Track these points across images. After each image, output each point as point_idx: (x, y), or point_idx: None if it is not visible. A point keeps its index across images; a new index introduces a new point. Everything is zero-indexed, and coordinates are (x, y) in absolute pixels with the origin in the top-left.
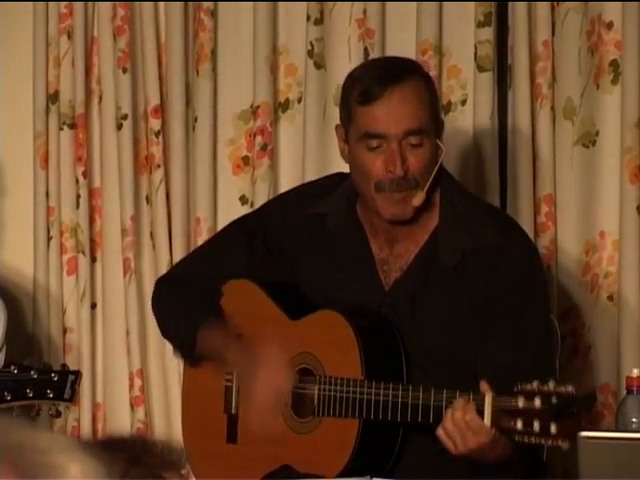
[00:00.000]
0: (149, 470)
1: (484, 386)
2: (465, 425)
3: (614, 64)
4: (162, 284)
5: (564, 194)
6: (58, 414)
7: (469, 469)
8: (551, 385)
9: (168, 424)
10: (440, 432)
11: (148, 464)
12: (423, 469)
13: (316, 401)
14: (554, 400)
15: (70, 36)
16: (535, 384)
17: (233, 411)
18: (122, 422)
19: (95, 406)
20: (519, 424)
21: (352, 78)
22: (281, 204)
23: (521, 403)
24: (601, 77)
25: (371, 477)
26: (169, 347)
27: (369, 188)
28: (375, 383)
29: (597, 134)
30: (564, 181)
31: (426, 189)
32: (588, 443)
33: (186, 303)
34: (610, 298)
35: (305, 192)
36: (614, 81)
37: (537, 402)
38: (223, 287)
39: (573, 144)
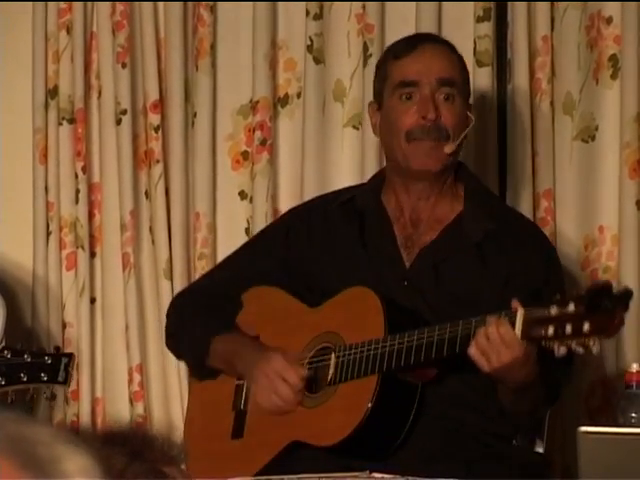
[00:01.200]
0: (149, 465)
1: (515, 302)
2: (499, 338)
3: (613, 59)
4: (178, 300)
5: (563, 189)
6: (53, 397)
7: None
8: (585, 289)
9: (167, 419)
10: (473, 350)
11: (149, 459)
12: (426, 459)
13: (332, 370)
14: (586, 298)
15: (69, 31)
16: (571, 293)
17: (242, 407)
18: (121, 417)
19: (94, 401)
20: (550, 330)
21: (387, 49)
22: (305, 209)
23: (554, 311)
24: (600, 72)
25: (370, 472)
26: None
27: (400, 141)
28: (399, 335)
29: (596, 129)
30: (563, 176)
31: (457, 142)
32: (587, 438)
33: (201, 317)
34: None
35: (328, 194)
36: (613, 76)
37: (571, 307)
38: (245, 295)
39: (572, 139)
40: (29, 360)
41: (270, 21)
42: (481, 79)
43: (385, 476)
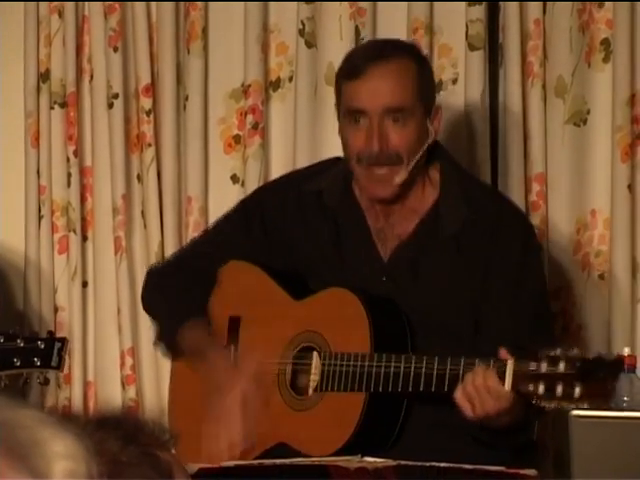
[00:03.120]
0: (143, 449)
1: (504, 353)
2: (486, 390)
3: (605, 42)
4: (153, 272)
5: (555, 173)
6: (46, 382)
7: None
8: (575, 351)
9: (159, 403)
10: (459, 396)
11: (142, 443)
12: (418, 448)
13: (319, 377)
14: (579, 363)
15: (61, 15)
16: (559, 350)
17: None
18: (113, 401)
19: (86, 385)
20: (541, 388)
21: (345, 57)
22: (277, 185)
23: (544, 368)
24: (592, 55)
25: (362, 456)
26: None
27: (352, 161)
28: (386, 355)
29: (588, 112)
30: (555, 160)
31: (410, 167)
32: (579, 422)
33: (174, 293)
34: (601, 277)
35: (301, 173)
36: (605, 59)
37: (561, 366)
38: (220, 270)
39: (564, 122)
40: (22, 345)
41: (262, 5)
42: (473, 63)
43: (377, 460)
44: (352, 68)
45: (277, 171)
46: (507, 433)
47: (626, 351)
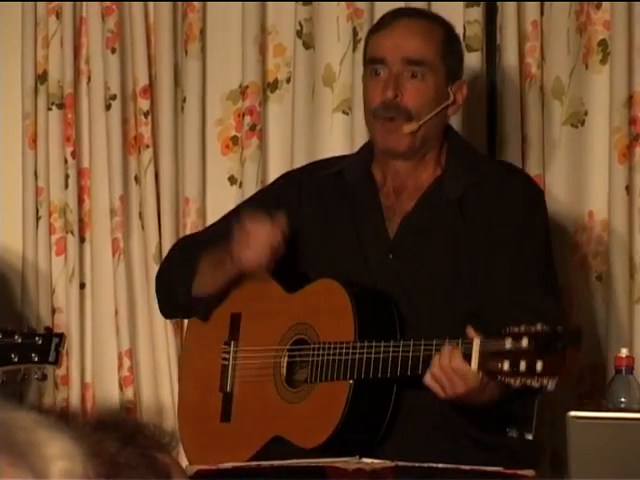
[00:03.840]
0: (141, 450)
1: (471, 331)
2: (452, 371)
3: (603, 44)
4: (172, 249)
5: (553, 174)
6: (44, 378)
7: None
8: (539, 325)
9: (157, 404)
10: (427, 378)
11: (141, 444)
12: (416, 449)
13: (309, 368)
14: (539, 337)
15: (59, 16)
16: (523, 326)
17: (228, 389)
18: (111, 402)
19: (84, 386)
20: (505, 365)
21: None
22: (296, 172)
23: (508, 344)
24: (590, 57)
25: (360, 457)
26: (158, 327)
27: (369, 117)
28: (367, 342)
29: (586, 114)
30: (553, 161)
31: (422, 121)
32: (577, 423)
33: (186, 260)
34: (599, 278)
35: (315, 163)
36: (603, 61)
37: (524, 342)
38: None
39: (562, 124)
40: (20, 341)
41: (259, 6)
42: (471, 64)
43: (375, 461)
44: (381, 22)
45: (275, 172)
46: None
47: (624, 352)
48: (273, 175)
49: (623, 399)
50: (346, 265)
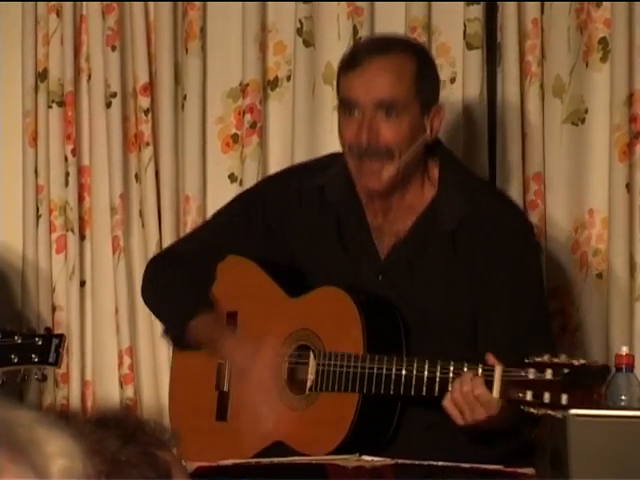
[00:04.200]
0: (142, 448)
1: (492, 359)
2: (474, 399)
3: (603, 42)
4: (154, 264)
5: (553, 172)
6: (44, 378)
7: (464, 444)
8: (563, 357)
9: (157, 402)
10: (447, 404)
11: (141, 442)
12: (415, 447)
13: (314, 376)
14: (566, 371)
15: (59, 14)
16: (546, 356)
17: (225, 388)
18: (111, 400)
19: (84, 384)
20: (529, 395)
21: (345, 54)
22: (279, 177)
23: (532, 375)
24: (590, 55)
25: (360, 455)
26: (158, 325)
27: (346, 152)
28: (378, 357)
29: (586, 112)
30: (553, 159)
31: (401, 163)
32: (577, 421)
33: (178, 287)
34: (599, 276)
35: (302, 167)
36: (603, 59)
37: (548, 373)
38: (219, 265)
39: (562, 122)
40: (19, 341)
41: (260, 4)
42: (471, 62)
43: (374, 458)
44: (351, 60)
45: (275, 170)
46: (502, 435)
47: (624, 350)
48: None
49: (623, 397)
50: (335, 280)
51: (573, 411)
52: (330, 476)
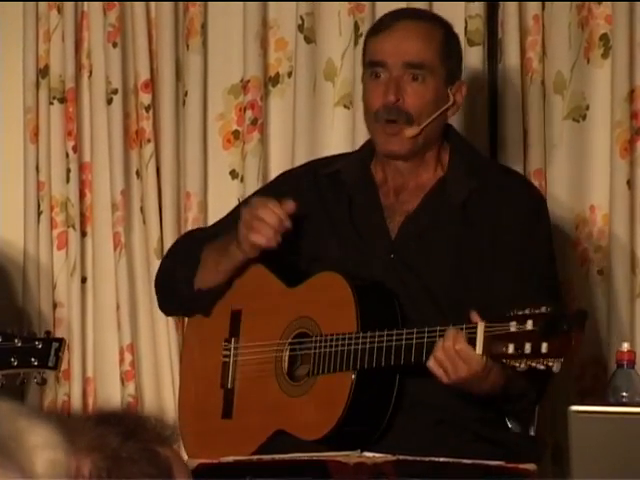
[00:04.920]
0: (143, 444)
1: (475, 316)
2: (456, 354)
3: (604, 38)
4: (174, 246)
5: (554, 168)
6: (44, 382)
7: (466, 441)
8: (543, 308)
9: (158, 399)
10: (431, 362)
11: (142, 438)
12: (417, 443)
13: (311, 360)
14: (544, 319)
15: (60, 10)
16: (527, 309)
17: (229, 385)
18: (112, 397)
19: (85, 381)
20: (510, 348)
21: (374, 23)
22: (296, 171)
23: (513, 327)
24: (591, 51)
25: (361, 451)
26: (159, 322)
27: (370, 120)
28: (370, 332)
29: (587, 108)
30: (554, 155)
31: (423, 124)
32: (578, 417)
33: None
34: (600, 272)
35: (319, 160)
36: (604, 55)
37: (529, 324)
38: None
39: (563, 118)
40: (19, 345)
41: (261, 0)
42: (472, 58)
43: (376, 455)
44: (380, 24)
45: (276, 166)
46: (494, 401)
47: (625, 347)
48: (274, 169)
49: (624, 393)
50: (347, 263)
51: (574, 407)
52: (331, 472)
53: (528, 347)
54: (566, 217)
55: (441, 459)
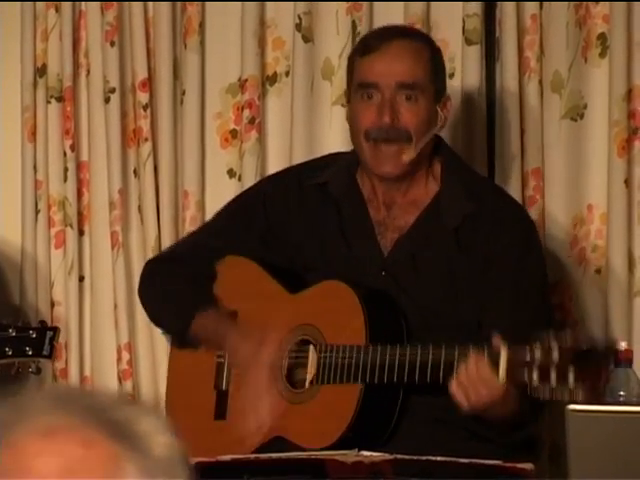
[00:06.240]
0: None
1: (497, 340)
2: (479, 380)
3: (602, 37)
4: (151, 266)
5: (552, 167)
6: (39, 371)
7: (463, 440)
8: (569, 337)
9: (156, 398)
10: (453, 387)
11: None
12: (415, 442)
13: (316, 369)
14: (572, 352)
15: (58, 9)
16: (552, 337)
17: (224, 387)
18: None
19: (83, 379)
20: (535, 376)
21: (360, 38)
22: (279, 177)
23: (537, 356)
24: (589, 50)
25: (359, 450)
26: None
27: (361, 139)
28: (381, 346)
29: (585, 107)
30: (552, 155)
31: (418, 147)
32: (576, 416)
33: (178, 285)
34: (598, 271)
35: (302, 167)
36: (602, 54)
37: (555, 355)
38: (219, 264)
39: (561, 117)
40: (14, 334)
41: (258, 0)
42: (470, 58)
43: (373, 454)
44: (368, 45)
45: (273, 165)
46: (504, 426)
47: (622, 345)
48: (272, 168)
49: (622, 392)
50: (337, 277)
51: (572, 406)
52: (329, 471)
53: (554, 378)
54: (564, 216)
55: (438, 458)
